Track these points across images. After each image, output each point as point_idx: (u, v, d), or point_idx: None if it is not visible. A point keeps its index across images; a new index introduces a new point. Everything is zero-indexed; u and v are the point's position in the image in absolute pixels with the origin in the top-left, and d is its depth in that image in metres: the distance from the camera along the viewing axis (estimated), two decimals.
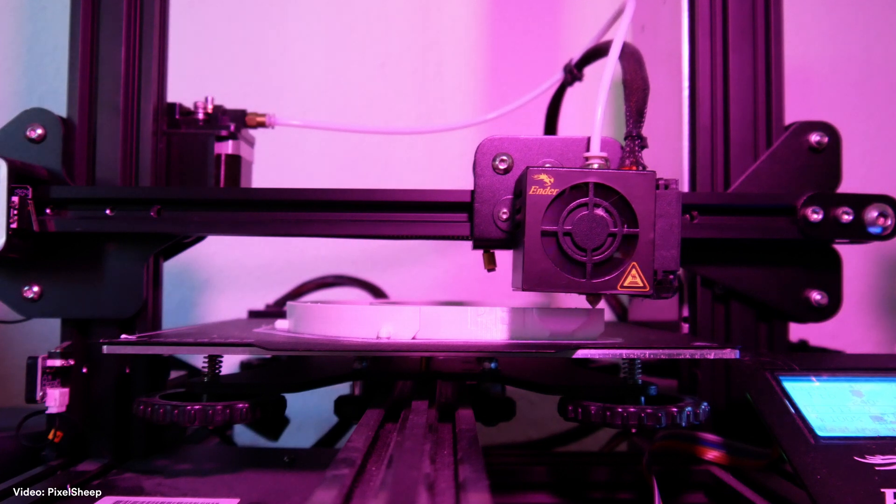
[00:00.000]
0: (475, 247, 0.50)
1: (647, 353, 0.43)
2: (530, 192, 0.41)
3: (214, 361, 0.48)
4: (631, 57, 0.50)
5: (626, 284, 0.41)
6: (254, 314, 0.77)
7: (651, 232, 0.41)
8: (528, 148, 0.49)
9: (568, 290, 0.42)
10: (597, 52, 0.61)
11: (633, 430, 0.50)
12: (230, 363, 0.67)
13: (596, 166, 0.44)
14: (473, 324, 0.46)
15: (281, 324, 0.54)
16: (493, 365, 0.48)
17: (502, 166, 0.49)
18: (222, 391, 0.48)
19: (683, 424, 0.43)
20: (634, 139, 0.46)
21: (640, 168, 0.44)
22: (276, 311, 0.77)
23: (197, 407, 0.45)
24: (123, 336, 0.46)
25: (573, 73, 0.66)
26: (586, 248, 0.41)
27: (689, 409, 0.44)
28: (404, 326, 0.46)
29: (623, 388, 0.47)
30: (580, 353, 0.43)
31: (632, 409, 0.43)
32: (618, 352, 0.43)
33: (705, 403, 0.45)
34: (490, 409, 0.51)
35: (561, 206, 0.42)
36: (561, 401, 0.46)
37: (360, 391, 0.54)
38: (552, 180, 0.41)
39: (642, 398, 0.46)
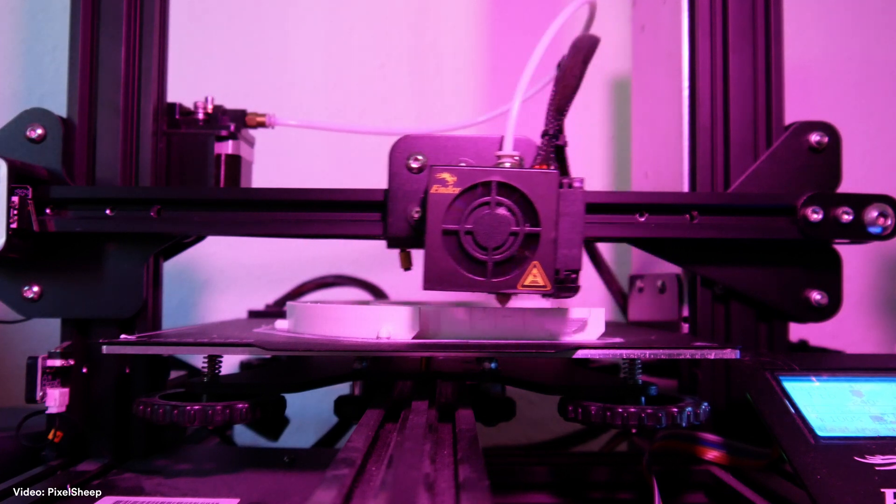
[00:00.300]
0: (389, 246, 0.51)
1: (647, 354, 0.43)
2: (432, 191, 0.42)
3: (214, 362, 0.48)
4: (579, 52, 0.49)
5: (526, 283, 0.42)
6: (253, 314, 0.77)
7: (553, 231, 0.41)
8: (443, 147, 0.50)
9: (469, 290, 0.42)
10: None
11: (634, 431, 0.50)
12: (230, 363, 0.67)
13: (508, 165, 0.44)
14: (473, 324, 0.46)
15: (281, 324, 0.54)
16: (492, 365, 0.48)
17: (415, 165, 0.49)
18: (222, 391, 0.48)
19: (684, 424, 0.43)
20: (549, 137, 0.45)
21: (551, 167, 0.44)
22: (275, 311, 0.77)
23: (196, 407, 0.44)
24: (123, 336, 0.45)
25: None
26: (487, 246, 0.41)
27: (689, 409, 0.43)
28: (404, 326, 0.46)
29: (623, 388, 0.47)
30: (580, 354, 0.43)
31: (632, 410, 0.43)
32: (618, 352, 0.43)
33: (706, 403, 0.45)
34: (490, 409, 0.51)
35: (463, 205, 0.41)
36: (561, 401, 0.46)
37: (360, 391, 0.54)
38: (454, 179, 0.42)
39: (643, 398, 0.46)
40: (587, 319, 0.47)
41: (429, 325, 0.46)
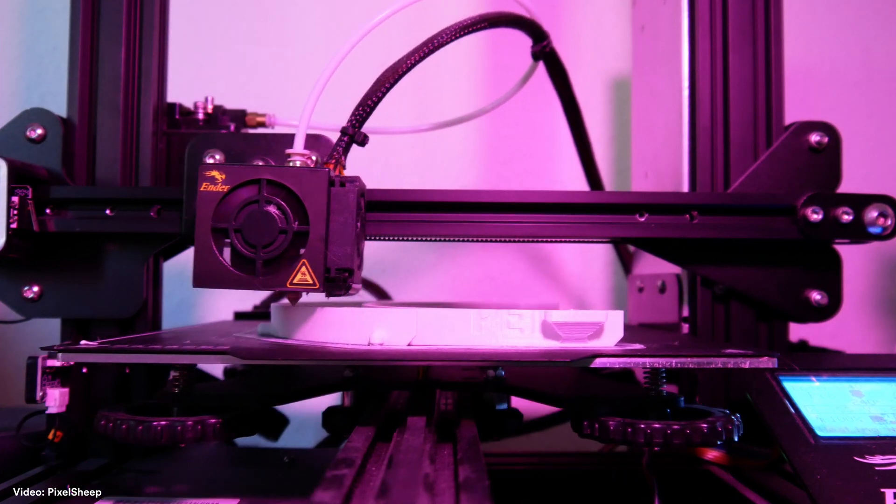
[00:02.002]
0: (188, 243, 0.51)
1: (673, 362, 0.39)
2: (201, 189, 0.41)
3: (187, 370, 0.44)
4: (419, 50, 0.50)
5: (295, 281, 0.41)
6: (240, 316, 0.74)
7: (322, 229, 0.41)
8: (240, 145, 0.50)
9: (239, 287, 0.41)
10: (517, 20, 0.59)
11: (657, 449, 0.44)
12: (215, 370, 0.67)
13: (298, 163, 0.43)
14: (477, 328, 0.42)
15: (265, 327, 0.50)
16: (500, 372, 0.45)
17: (210, 162, 0.50)
18: (196, 404, 0.43)
19: (718, 443, 0.40)
20: (344, 135, 0.45)
21: (341, 167, 0.44)
22: (263, 312, 0.75)
23: (164, 423, 0.39)
24: (83, 342, 0.41)
25: (542, 50, 0.62)
26: (256, 245, 0.41)
27: (720, 424, 0.40)
28: (399, 331, 0.42)
29: (646, 399, 0.43)
30: (599, 362, 0.39)
31: (656, 426, 0.39)
32: (641, 360, 0.39)
33: (737, 417, 0.41)
34: (495, 421, 0.47)
35: (233, 203, 0.41)
36: (575, 415, 0.42)
37: (351, 402, 0.49)
38: (223, 177, 0.41)
39: (667, 411, 0.43)
40: (604, 324, 0.42)
41: (427, 329, 0.42)
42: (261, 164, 0.49)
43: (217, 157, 0.51)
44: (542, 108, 0.88)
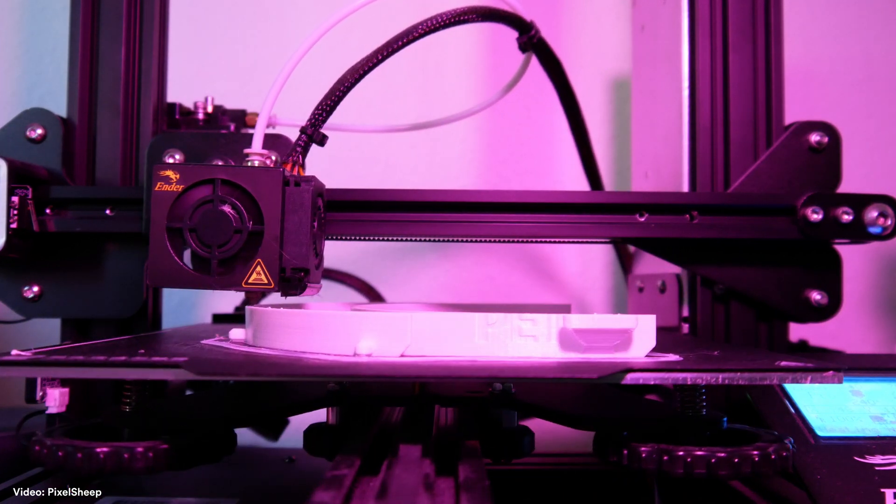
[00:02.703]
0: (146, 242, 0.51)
1: (720, 378, 0.34)
2: (155, 189, 0.41)
3: (139, 386, 0.39)
4: (380, 51, 0.50)
5: (250, 281, 0.41)
6: (218, 318, 0.70)
7: (277, 229, 0.41)
8: (200, 144, 0.50)
9: (195, 287, 0.41)
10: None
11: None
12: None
13: (257, 163, 0.44)
14: (482, 336, 0.36)
15: (236, 333, 0.45)
16: (508, 386, 0.41)
17: (171, 161, 0.50)
18: (149, 425, 0.38)
19: (771, 473, 0.35)
20: (303, 134, 0.45)
21: (299, 167, 0.44)
22: (243, 314, 0.73)
23: (106, 450, 0.35)
24: (14, 352, 0.37)
25: (530, 41, 0.60)
26: (211, 244, 0.41)
27: (773, 451, 0.35)
28: (390, 340, 0.36)
29: (683, 420, 0.38)
30: (632, 378, 0.33)
31: (699, 454, 0.34)
32: (682, 375, 0.34)
33: (790, 440, 0.37)
34: (503, 442, 0.41)
35: (187, 203, 0.41)
36: (597, 438, 0.38)
37: (336, 419, 0.43)
38: (178, 176, 0.41)
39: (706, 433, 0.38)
40: (633, 331, 0.37)
41: (424, 337, 0.36)
42: (220, 163, 0.49)
43: (177, 156, 0.50)
44: (542, 108, 0.88)
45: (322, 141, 0.45)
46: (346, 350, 0.37)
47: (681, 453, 0.34)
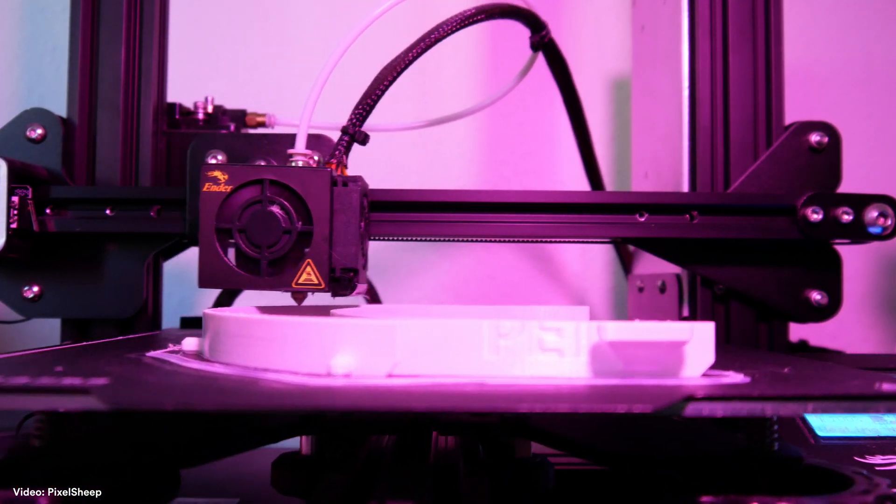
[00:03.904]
0: (190, 243, 0.51)
1: (810, 407, 0.26)
2: (203, 190, 0.41)
3: (48, 417, 0.33)
4: (417, 45, 0.50)
5: (300, 281, 0.41)
6: (186, 322, 0.65)
7: (326, 229, 0.41)
8: (242, 145, 0.50)
9: (244, 287, 0.41)
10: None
11: None
12: None
13: (301, 163, 0.44)
14: (492, 350, 0.29)
15: (189, 343, 0.38)
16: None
17: (213, 162, 0.50)
18: (64, 464, 0.31)
19: None
20: (345, 134, 0.45)
21: (343, 167, 0.44)
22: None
23: None
24: None
25: (541, 40, 0.61)
26: (261, 245, 0.41)
27: (872, 500, 0.28)
28: (374, 355, 0.29)
29: (753, 458, 0.31)
30: (694, 409, 0.25)
31: None
32: (761, 406, 0.26)
33: (886, 482, 0.30)
34: (515, 476, 0.34)
35: (236, 204, 0.41)
36: (640, 480, 0.32)
37: (311, 449, 0.36)
38: (226, 177, 0.41)
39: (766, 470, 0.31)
40: (687, 342, 0.29)
41: (417, 352, 0.29)
42: (262, 164, 0.49)
43: (219, 157, 0.51)
44: (543, 108, 0.88)
45: (364, 140, 0.46)
46: (317, 368, 0.29)
47: None
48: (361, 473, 0.33)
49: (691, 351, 0.29)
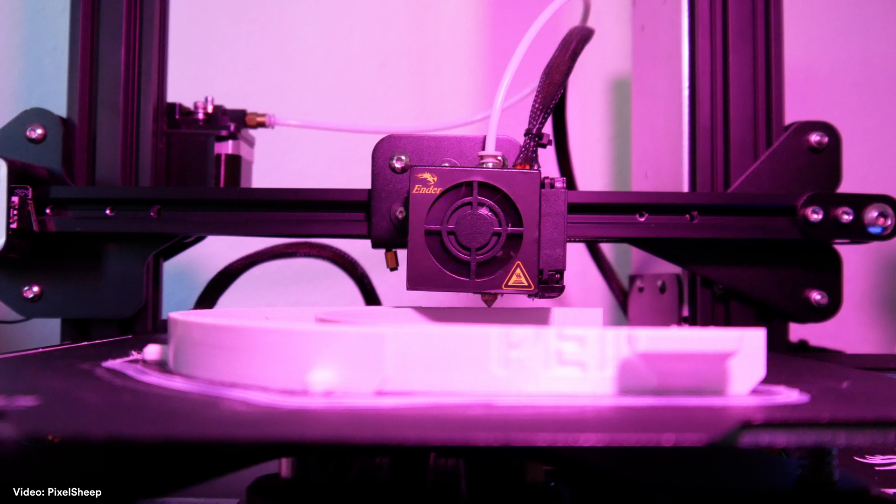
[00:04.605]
0: (374, 246, 0.51)
1: (893, 437, 0.22)
2: (413, 192, 0.42)
3: None
4: (567, 47, 0.50)
5: (510, 283, 0.41)
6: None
7: (536, 231, 0.41)
8: (425, 147, 0.50)
9: (452, 289, 0.42)
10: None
11: None
12: None
13: (490, 165, 0.44)
14: (502, 362, 0.25)
15: (151, 352, 0.34)
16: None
17: (398, 165, 0.49)
18: (7, 499, 0.27)
19: None
20: (532, 137, 0.45)
21: (534, 167, 0.44)
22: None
23: None
24: None
25: None
26: (470, 247, 0.41)
27: None
28: (358, 369, 0.25)
29: (814, 491, 0.27)
30: (752, 439, 0.22)
31: None
32: (832, 435, 0.22)
33: None
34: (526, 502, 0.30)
35: (445, 206, 0.42)
36: None
37: (291, 471, 0.32)
38: (435, 179, 0.42)
39: None
40: (735, 354, 0.25)
41: (410, 365, 0.25)
42: (447, 165, 0.49)
43: (403, 158, 0.50)
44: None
45: (545, 143, 0.46)
46: (293, 384, 0.25)
47: None
48: (350, 500, 0.29)
49: (739, 364, 0.25)
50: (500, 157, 0.45)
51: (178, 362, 0.31)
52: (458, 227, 0.41)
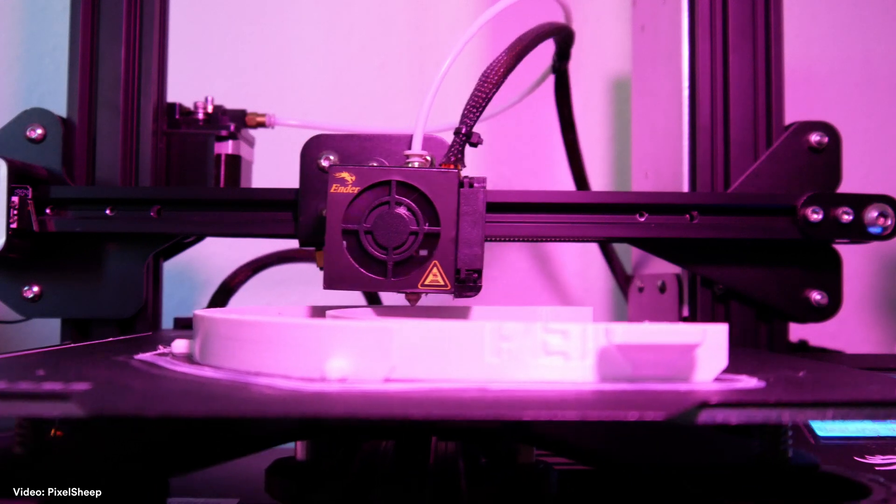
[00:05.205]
0: (301, 245, 0.51)
1: (829, 414, 0.25)
2: (331, 191, 0.41)
3: (30, 423, 0.31)
4: (515, 45, 0.50)
5: (427, 283, 0.41)
6: (180, 322, 0.65)
7: (453, 230, 0.41)
8: (353, 146, 0.49)
9: (369, 289, 0.42)
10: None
11: None
12: None
13: (417, 164, 0.44)
14: (494, 353, 0.28)
15: (179, 346, 0.37)
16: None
17: (326, 164, 0.49)
18: (46, 472, 0.31)
19: None
20: (461, 136, 0.45)
21: (460, 167, 0.44)
22: None
23: None
24: None
25: (560, 68, 0.66)
26: (387, 246, 0.41)
27: None
28: (370, 358, 0.28)
29: (768, 466, 0.30)
30: (708, 416, 0.25)
31: None
32: (777, 413, 0.25)
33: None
34: (518, 481, 0.34)
35: (364, 205, 0.41)
36: (652, 490, 0.32)
37: (307, 454, 0.35)
38: (353, 178, 0.41)
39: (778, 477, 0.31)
40: (699, 346, 0.28)
41: (414, 355, 0.28)
42: (375, 165, 0.49)
43: (332, 157, 0.50)
44: (543, 108, 0.88)
45: (477, 142, 0.46)
46: (310, 372, 0.28)
47: None
48: (359, 480, 0.32)
49: (703, 354, 0.28)
50: (427, 157, 0.44)
51: (204, 355, 0.34)
52: (375, 227, 0.41)
